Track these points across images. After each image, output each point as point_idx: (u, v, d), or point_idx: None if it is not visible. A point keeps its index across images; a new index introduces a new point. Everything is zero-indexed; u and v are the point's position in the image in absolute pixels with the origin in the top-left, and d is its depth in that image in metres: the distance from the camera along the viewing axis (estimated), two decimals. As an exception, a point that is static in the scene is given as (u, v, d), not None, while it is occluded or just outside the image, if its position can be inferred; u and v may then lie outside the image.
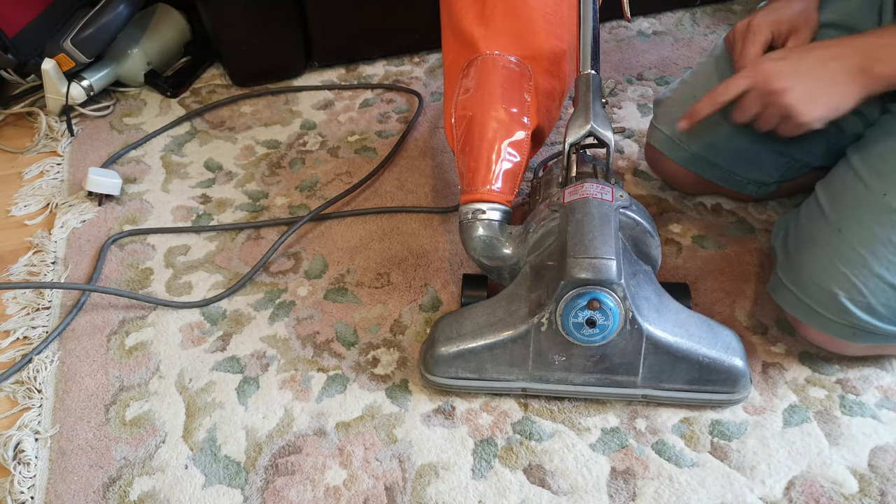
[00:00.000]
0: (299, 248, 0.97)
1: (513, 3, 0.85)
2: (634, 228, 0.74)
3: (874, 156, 0.75)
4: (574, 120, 0.76)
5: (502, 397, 0.78)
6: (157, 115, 1.21)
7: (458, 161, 0.83)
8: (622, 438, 0.75)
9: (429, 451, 0.74)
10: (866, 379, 0.79)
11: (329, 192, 1.05)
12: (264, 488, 0.72)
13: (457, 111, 0.83)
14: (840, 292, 0.72)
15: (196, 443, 0.76)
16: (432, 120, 1.17)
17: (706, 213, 0.99)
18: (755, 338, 0.83)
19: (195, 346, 0.85)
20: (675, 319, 0.73)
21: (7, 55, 1.14)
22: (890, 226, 0.70)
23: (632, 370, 0.73)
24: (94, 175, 1.02)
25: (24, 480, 0.73)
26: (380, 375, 0.81)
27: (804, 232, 0.77)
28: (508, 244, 0.78)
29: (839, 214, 0.74)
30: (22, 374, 0.83)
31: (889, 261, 0.70)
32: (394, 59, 1.32)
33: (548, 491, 0.71)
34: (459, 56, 0.87)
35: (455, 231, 0.98)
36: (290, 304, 0.90)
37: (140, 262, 0.96)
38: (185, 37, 1.31)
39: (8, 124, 1.21)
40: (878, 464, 0.72)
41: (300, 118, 1.19)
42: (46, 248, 0.98)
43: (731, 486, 0.70)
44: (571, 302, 0.68)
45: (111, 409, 0.79)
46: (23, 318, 0.89)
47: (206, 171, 1.10)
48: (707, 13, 1.39)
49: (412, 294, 0.90)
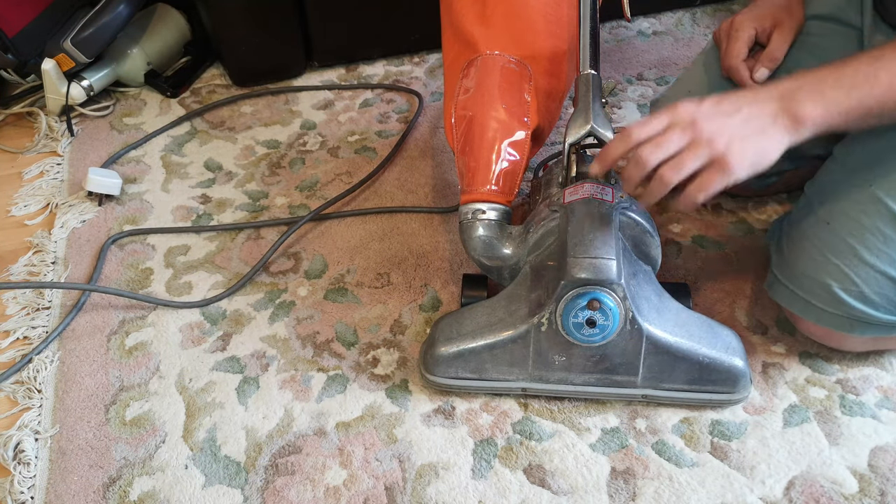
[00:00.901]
0: (299, 248, 0.97)
1: (513, 3, 0.85)
2: (634, 228, 0.74)
3: (859, 150, 0.75)
4: (574, 120, 0.76)
5: (502, 397, 0.78)
6: (157, 115, 1.21)
7: (458, 161, 0.83)
8: (622, 438, 0.75)
9: (429, 451, 0.74)
10: (866, 379, 0.79)
11: (329, 192, 1.05)
12: (264, 488, 0.72)
13: (457, 111, 0.83)
14: (833, 283, 0.72)
15: (196, 443, 0.76)
16: (432, 120, 1.17)
17: (706, 213, 0.99)
18: (755, 338, 0.83)
19: (195, 346, 0.85)
20: (675, 319, 0.73)
21: (7, 55, 1.14)
22: (877, 215, 0.71)
23: (632, 370, 0.73)
24: (94, 175, 1.02)
25: (24, 480, 0.73)
26: (380, 375, 0.81)
27: (795, 228, 0.78)
28: (508, 244, 0.78)
29: (827, 208, 0.75)
30: (22, 374, 0.83)
31: (879, 249, 0.71)
32: (394, 59, 1.32)
33: (548, 491, 0.71)
34: (459, 56, 0.87)
35: (455, 231, 0.98)
36: (290, 304, 0.90)
37: (140, 262, 0.96)
38: (185, 37, 1.31)
39: (8, 124, 1.21)
40: (878, 464, 0.72)
41: (300, 118, 1.19)
42: (46, 248, 0.98)
43: (731, 486, 0.70)
44: (571, 302, 0.68)
45: (111, 409, 0.79)
46: (23, 318, 0.89)
47: (206, 171, 1.10)
48: (707, 13, 1.39)
49: (412, 294, 0.90)
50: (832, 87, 0.65)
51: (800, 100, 0.65)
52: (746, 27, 0.84)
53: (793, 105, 0.65)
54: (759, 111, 0.66)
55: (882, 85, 0.64)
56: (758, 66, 0.84)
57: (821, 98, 0.65)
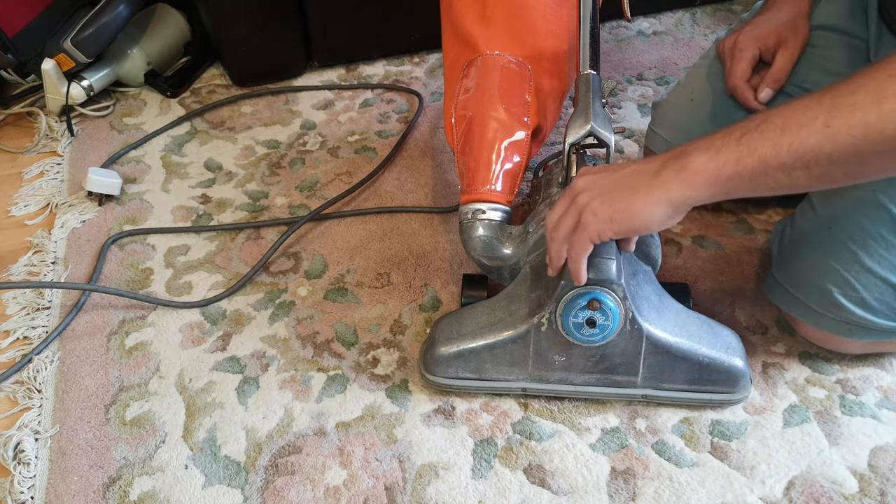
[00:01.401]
0: (299, 248, 0.97)
1: (513, 3, 0.85)
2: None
3: None
4: (574, 120, 0.76)
5: (502, 397, 0.78)
6: (157, 115, 1.21)
7: (458, 161, 0.83)
8: (622, 438, 0.75)
9: (429, 451, 0.74)
10: (866, 379, 0.79)
11: (329, 192, 1.05)
12: (264, 488, 0.72)
13: (457, 111, 0.83)
14: (833, 288, 0.72)
15: (196, 443, 0.76)
16: (432, 120, 1.17)
17: (706, 213, 0.99)
18: (755, 338, 0.83)
19: (195, 346, 0.85)
20: (675, 319, 0.73)
21: (7, 55, 1.14)
22: (879, 221, 0.70)
23: (632, 370, 0.73)
24: (94, 175, 1.02)
25: (24, 480, 0.73)
26: (380, 375, 0.81)
27: (797, 231, 0.78)
28: (508, 244, 0.78)
29: (830, 212, 0.74)
30: (22, 374, 0.83)
31: (880, 255, 0.70)
32: (394, 59, 1.32)
33: (548, 491, 0.71)
34: (460, 56, 0.87)
35: (455, 231, 0.98)
36: (290, 304, 0.90)
37: (140, 262, 0.96)
38: (185, 37, 1.31)
39: (8, 124, 1.21)
40: (878, 464, 0.72)
41: (300, 118, 1.19)
42: (46, 248, 0.98)
43: (731, 486, 0.70)
44: (571, 302, 0.68)
45: (111, 409, 0.79)
46: (23, 318, 0.89)
47: (206, 171, 1.10)
48: (707, 13, 1.39)
49: (412, 294, 0.90)
50: (722, 136, 0.59)
51: (688, 152, 0.59)
52: (750, 46, 0.82)
53: (680, 159, 0.59)
54: (640, 170, 0.62)
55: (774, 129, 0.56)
56: (762, 87, 0.83)
57: (709, 146, 0.58)
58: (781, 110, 0.57)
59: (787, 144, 0.55)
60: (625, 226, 0.62)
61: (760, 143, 0.56)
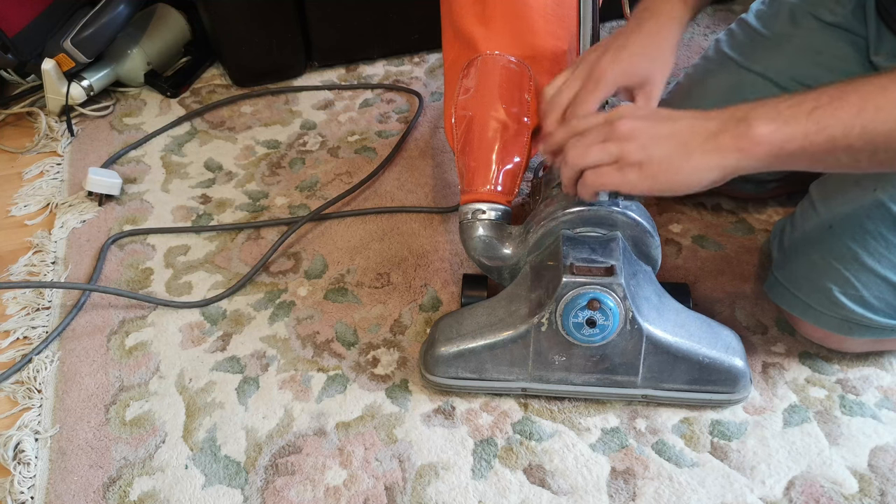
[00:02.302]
0: (299, 248, 0.97)
1: (513, 3, 0.85)
2: (634, 228, 0.73)
3: None
4: (574, 120, 0.76)
5: (502, 397, 0.78)
6: (157, 115, 1.21)
7: (458, 161, 0.83)
8: (622, 438, 0.75)
9: (429, 451, 0.74)
10: (866, 379, 0.79)
11: (329, 192, 1.05)
12: (264, 488, 0.72)
13: (457, 111, 0.83)
14: (833, 286, 0.72)
15: (196, 443, 0.76)
16: (432, 120, 1.17)
17: (706, 213, 0.99)
18: (755, 338, 0.83)
19: (195, 346, 0.85)
20: (675, 319, 0.73)
21: (7, 55, 1.14)
22: (880, 220, 0.70)
23: (632, 370, 0.73)
24: (94, 175, 1.02)
25: (24, 480, 0.73)
26: (380, 375, 0.81)
27: (798, 230, 0.78)
28: (508, 244, 0.78)
29: (830, 211, 0.74)
30: (22, 374, 0.83)
31: (880, 254, 0.70)
32: (394, 59, 1.32)
33: (548, 491, 0.71)
34: (460, 56, 0.87)
35: (455, 231, 0.98)
36: (290, 304, 0.90)
37: (140, 262, 0.96)
38: (185, 37, 1.31)
39: (8, 124, 1.21)
40: (878, 464, 0.72)
41: (300, 118, 1.19)
42: (46, 248, 0.98)
43: (731, 486, 0.70)
44: (571, 302, 0.68)
45: (111, 409, 0.79)
46: (23, 318, 0.89)
47: (206, 171, 1.10)
48: (707, 13, 1.39)
49: (412, 294, 0.90)
50: (790, 106, 0.56)
51: (752, 118, 0.56)
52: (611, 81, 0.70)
53: (742, 124, 0.56)
54: (697, 127, 0.58)
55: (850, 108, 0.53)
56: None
57: (777, 116, 0.55)
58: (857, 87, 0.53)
59: (860, 126, 0.52)
60: (665, 186, 0.58)
61: (832, 122, 0.53)
